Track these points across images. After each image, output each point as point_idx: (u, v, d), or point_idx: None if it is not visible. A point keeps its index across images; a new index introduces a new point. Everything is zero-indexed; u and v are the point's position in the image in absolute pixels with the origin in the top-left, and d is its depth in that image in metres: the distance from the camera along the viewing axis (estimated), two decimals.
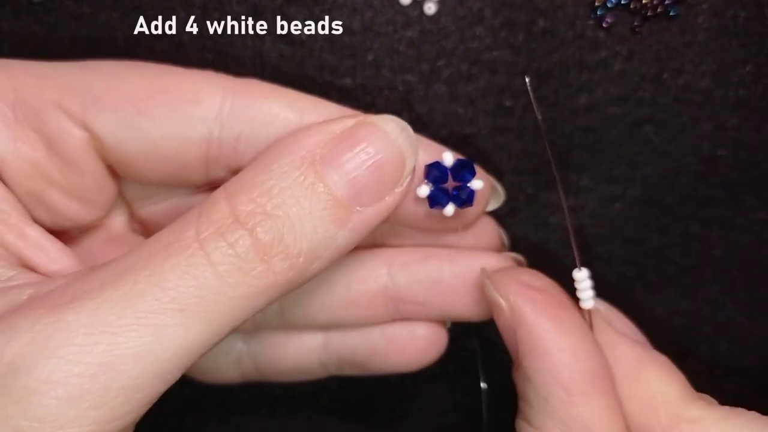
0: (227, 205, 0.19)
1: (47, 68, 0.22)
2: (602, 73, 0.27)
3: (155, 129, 0.21)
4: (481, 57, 0.27)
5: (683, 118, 0.27)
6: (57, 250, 0.21)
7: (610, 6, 0.26)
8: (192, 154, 0.22)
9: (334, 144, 0.20)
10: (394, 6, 0.27)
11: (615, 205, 0.29)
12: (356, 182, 0.20)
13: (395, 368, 0.26)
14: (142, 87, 0.21)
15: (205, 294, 0.18)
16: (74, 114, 0.21)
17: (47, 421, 0.16)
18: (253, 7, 0.27)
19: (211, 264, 0.18)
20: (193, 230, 0.18)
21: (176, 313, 0.17)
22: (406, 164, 0.21)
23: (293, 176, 0.19)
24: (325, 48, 0.27)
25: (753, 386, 0.30)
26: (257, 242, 0.18)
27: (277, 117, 0.21)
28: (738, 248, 0.29)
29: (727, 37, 0.27)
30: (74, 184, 0.22)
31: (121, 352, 0.17)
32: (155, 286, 0.17)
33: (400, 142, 0.20)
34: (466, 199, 0.22)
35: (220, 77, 0.22)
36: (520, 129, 0.28)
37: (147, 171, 0.22)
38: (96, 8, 0.27)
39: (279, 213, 0.19)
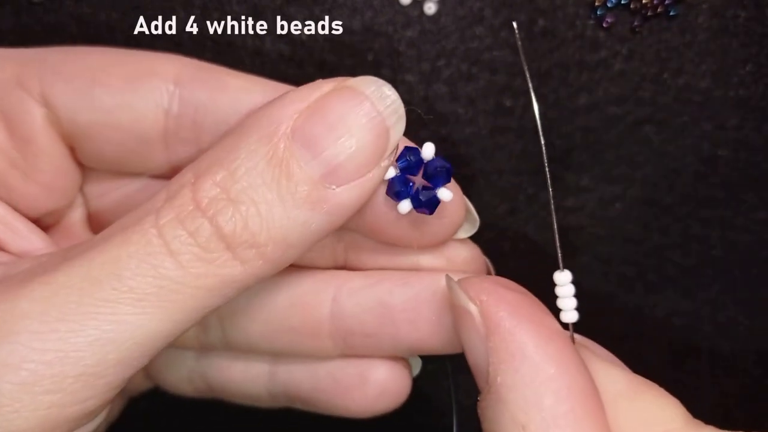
0: (191, 190, 0.17)
1: (5, 51, 0.21)
2: (602, 73, 0.27)
3: (109, 97, 0.20)
4: (481, 57, 0.27)
5: (683, 118, 0.27)
6: (27, 230, 0.21)
7: (610, 6, 0.26)
8: (149, 126, 0.21)
9: (308, 115, 0.17)
10: (394, 6, 0.27)
11: (615, 205, 0.29)
12: (332, 158, 0.17)
13: (344, 412, 0.24)
14: (98, 60, 0.21)
15: (165, 284, 0.17)
16: (32, 90, 0.20)
17: (2, 405, 0.16)
18: (253, 7, 0.27)
19: (170, 253, 0.17)
20: (154, 216, 0.17)
21: (135, 303, 0.17)
22: (390, 135, 0.18)
23: (260, 154, 0.17)
24: (325, 48, 0.27)
25: (753, 386, 0.30)
26: (218, 231, 0.17)
27: (238, 89, 0.20)
28: (738, 248, 0.29)
29: (727, 37, 0.27)
30: (34, 166, 0.21)
31: (78, 340, 0.16)
32: (113, 274, 0.17)
33: (383, 108, 0.18)
34: (425, 202, 0.19)
35: (179, 56, 0.21)
36: (520, 129, 0.28)
37: (103, 146, 0.21)
38: (96, 8, 0.27)
39: (243, 198, 0.17)
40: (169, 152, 0.21)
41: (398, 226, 0.20)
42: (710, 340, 0.30)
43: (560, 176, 0.28)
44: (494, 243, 0.29)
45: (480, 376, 0.18)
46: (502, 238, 0.29)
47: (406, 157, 0.19)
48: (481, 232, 0.29)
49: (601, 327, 0.30)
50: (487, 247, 0.29)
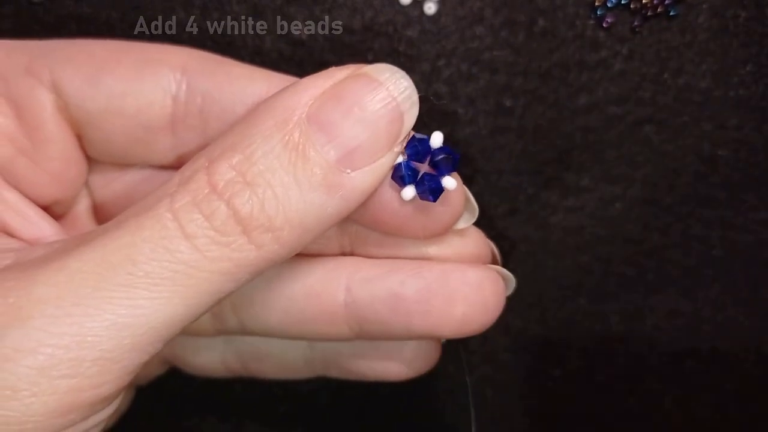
0: (206, 173, 0.17)
1: (17, 43, 0.21)
2: (602, 73, 0.27)
3: (118, 84, 0.20)
4: (481, 57, 0.27)
5: (683, 118, 0.27)
6: (37, 216, 0.21)
7: (610, 6, 0.26)
8: (156, 112, 0.21)
9: (323, 101, 0.18)
10: (394, 6, 0.27)
11: (615, 205, 0.29)
12: (348, 143, 0.18)
13: (382, 375, 0.25)
14: (107, 50, 0.21)
15: (181, 268, 0.17)
16: (42, 77, 0.20)
17: (20, 389, 0.16)
18: (253, 7, 0.27)
19: (186, 237, 0.17)
20: (168, 200, 0.17)
21: (151, 288, 0.17)
22: (405, 120, 0.18)
23: (276, 138, 0.17)
24: (325, 48, 0.27)
25: (753, 386, 0.30)
26: (235, 214, 0.17)
27: (244, 77, 0.20)
28: (738, 248, 0.29)
29: (728, 37, 0.27)
30: (42, 153, 0.21)
31: (93, 325, 0.16)
32: (128, 259, 0.17)
33: (398, 94, 0.18)
34: (430, 189, 0.19)
35: (186, 48, 0.21)
36: (520, 129, 0.28)
37: (111, 134, 0.21)
38: (96, 8, 0.27)
39: (260, 181, 0.17)
40: (176, 141, 0.21)
41: (400, 215, 0.20)
42: (710, 340, 0.30)
43: (560, 176, 0.28)
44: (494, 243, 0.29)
45: None
46: (502, 238, 0.29)
47: (414, 144, 0.19)
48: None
49: (601, 327, 0.30)
50: None
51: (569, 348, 0.30)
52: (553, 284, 0.30)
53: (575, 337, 0.30)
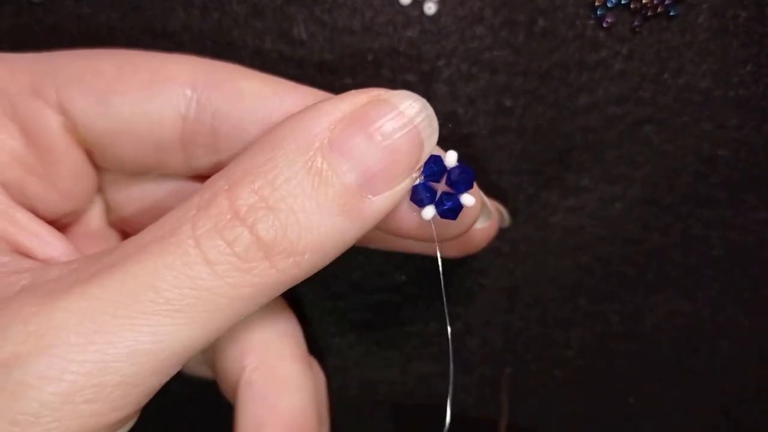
0: (227, 198, 0.17)
1: (20, 58, 0.21)
2: (602, 73, 0.27)
3: (126, 105, 0.20)
4: (481, 57, 0.27)
5: (683, 118, 0.27)
6: (49, 235, 0.21)
7: (610, 6, 0.26)
8: (166, 131, 0.21)
9: (344, 126, 0.18)
10: (394, 6, 0.27)
11: (615, 205, 0.29)
12: (369, 169, 0.18)
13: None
14: (113, 67, 0.21)
15: (202, 295, 0.17)
16: (49, 98, 0.20)
17: (43, 415, 0.16)
18: (253, 7, 0.27)
19: (207, 263, 0.17)
20: (190, 225, 0.17)
21: (172, 314, 0.17)
22: (425, 146, 0.19)
23: (299, 163, 0.17)
24: (325, 48, 0.27)
25: (753, 386, 0.30)
26: (258, 240, 0.17)
27: (253, 92, 0.20)
28: (738, 248, 0.29)
29: (728, 37, 0.27)
30: (52, 173, 0.21)
31: (115, 351, 0.16)
32: (149, 286, 0.17)
33: (419, 121, 0.18)
34: (449, 209, 0.20)
35: (193, 57, 0.21)
36: (520, 129, 0.28)
37: (121, 152, 0.21)
38: (96, 8, 0.27)
39: (282, 206, 0.17)
40: (188, 156, 0.22)
41: (419, 228, 0.21)
42: (710, 340, 0.30)
43: (560, 176, 0.28)
44: (493, 243, 0.29)
45: None
46: (501, 238, 0.29)
47: (430, 165, 0.20)
48: None
49: (601, 327, 0.30)
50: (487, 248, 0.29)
51: (569, 348, 0.30)
52: (553, 284, 0.30)
53: (575, 337, 0.30)
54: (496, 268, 0.29)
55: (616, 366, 0.30)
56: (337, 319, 0.30)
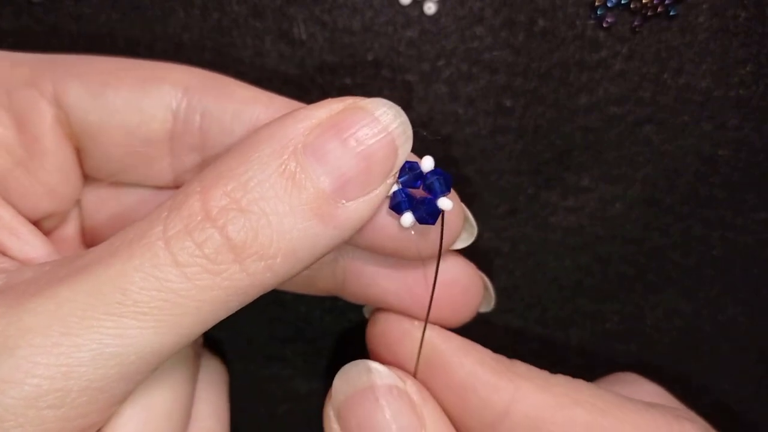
0: (199, 199, 0.17)
1: (21, 56, 0.22)
2: (602, 73, 0.27)
3: (120, 98, 0.21)
4: (481, 57, 0.27)
5: (683, 118, 0.27)
6: (30, 234, 0.21)
7: (610, 6, 0.26)
8: (157, 128, 0.21)
9: (320, 131, 0.18)
10: (394, 6, 0.27)
11: (615, 205, 0.29)
12: (342, 174, 0.18)
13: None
14: (110, 65, 0.21)
15: (171, 297, 0.17)
16: (45, 89, 0.21)
17: (6, 420, 0.16)
18: (253, 7, 0.27)
19: (176, 265, 0.17)
20: (161, 227, 0.17)
21: (139, 317, 0.17)
22: (399, 153, 0.19)
23: (273, 167, 0.17)
24: (325, 48, 0.27)
25: (753, 386, 0.30)
26: (228, 241, 0.17)
27: (245, 98, 0.21)
28: (738, 248, 0.29)
29: (728, 37, 0.27)
30: (39, 165, 0.21)
31: (81, 355, 0.16)
32: (118, 288, 0.17)
33: (393, 128, 0.18)
34: (427, 213, 0.20)
35: (189, 67, 0.22)
36: (520, 129, 0.28)
37: (110, 148, 0.21)
38: (96, 8, 0.27)
39: (254, 209, 0.17)
40: (174, 160, 0.22)
41: (400, 239, 0.21)
42: (710, 340, 0.30)
43: (560, 176, 0.28)
44: (493, 243, 0.29)
45: None
46: (501, 238, 0.29)
47: (406, 171, 0.20)
48: (481, 233, 0.29)
49: (601, 327, 0.30)
50: (487, 248, 0.29)
51: (569, 348, 0.30)
52: (553, 284, 0.30)
53: (575, 337, 0.30)
54: (496, 268, 0.29)
55: (616, 366, 0.30)
56: (337, 318, 0.30)
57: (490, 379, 0.21)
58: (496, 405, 0.21)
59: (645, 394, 0.24)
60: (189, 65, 0.22)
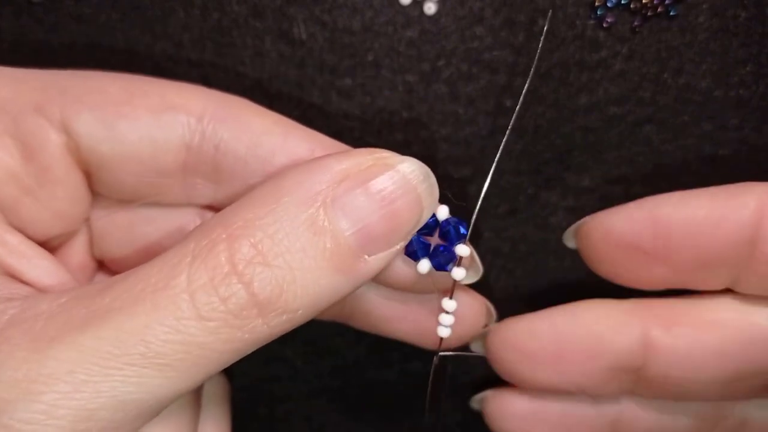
0: (225, 249, 0.17)
1: (26, 74, 0.21)
2: (602, 73, 0.27)
3: (133, 131, 0.20)
4: (481, 57, 0.27)
5: (683, 118, 0.27)
6: (39, 257, 0.21)
7: (610, 6, 0.26)
8: (170, 159, 0.21)
9: (348, 185, 0.18)
10: (394, 6, 0.27)
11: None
12: (369, 231, 0.18)
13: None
14: (121, 90, 0.21)
15: (193, 350, 0.17)
16: (52, 117, 0.20)
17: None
18: (253, 7, 0.27)
19: (200, 319, 0.17)
20: (185, 277, 0.17)
21: (162, 368, 0.17)
22: (424, 213, 0.19)
23: (300, 219, 0.18)
24: (325, 48, 0.27)
25: None
26: (253, 297, 0.17)
27: (261, 129, 0.21)
28: None
29: (728, 37, 0.27)
30: (48, 194, 0.21)
31: (102, 401, 0.17)
32: (140, 340, 0.17)
33: (421, 189, 0.19)
34: (444, 261, 0.21)
35: (205, 89, 0.21)
36: (520, 129, 0.28)
37: (122, 177, 0.21)
38: (96, 8, 0.27)
39: (281, 263, 0.17)
40: (187, 186, 0.22)
41: (412, 281, 0.21)
42: None
43: (560, 176, 0.28)
44: (493, 243, 0.29)
45: None
46: (501, 238, 0.29)
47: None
48: (481, 233, 0.29)
49: None
50: (487, 248, 0.29)
51: None
52: (553, 284, 0.30)
53: None
54: (497, 268, 0.29)
55: None
56: None
57: None
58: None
59: None
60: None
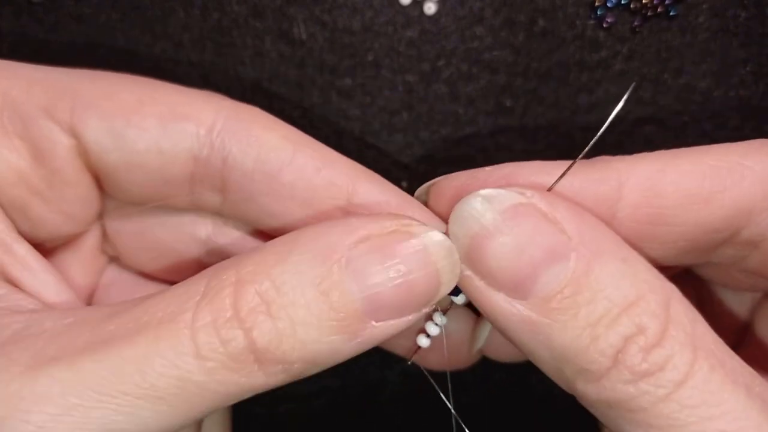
0: (231, 294, 0.17)
1: (37, 72, 0.21)
2: (602, 73, 0.27)
3: (142, 141, 0.20)
4: (481, 57, 0.27)
5: (683, 118, 0.27)
6: (44, 271, 0.21)
7: (610, 6, 0.26)
8: (177, 170, 0.21)
9: (365, 250, 0.17)
10: (394, 6, 0.27)
11: None
12: (378, 298, 0.17)
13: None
14: (133, 97, 0.20)
15: (188, 387, 0.17)
16: (62, 120, 0.20)
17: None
18: (253, 7, 0.27)
19: (198, 357, 0.17)
20: (190, 315, 0.17)
21: (154, 401, 0.17)
22: (441, 289, 0.18)
23: (309, 276, 0.17)
24: (325, 48, 0.27)
25: None
26: (252, 345, 0.17)
27: (269, 145, 0.20)
28: None
29: (728, 37, 0.27)
30: (58, 195, 0.21)
31: (91, 427, 0.16)
32: (138, 370, 0.17)
33: (442, 265, 0.18)
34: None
35: (216, 97, 0.21)
36: (521, 129, 0.28)
37: (128, 183, 0.21)
38: (96, 8, 0.27)
39: (283, 315, 0.17)
40: (193, 194, 0.21)
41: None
42: None
43: None
44: None
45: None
46: None
47: None
48: None
49: None
50: None
51: None
52: None
53: None
54: None
55: None
56: None
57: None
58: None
59: None
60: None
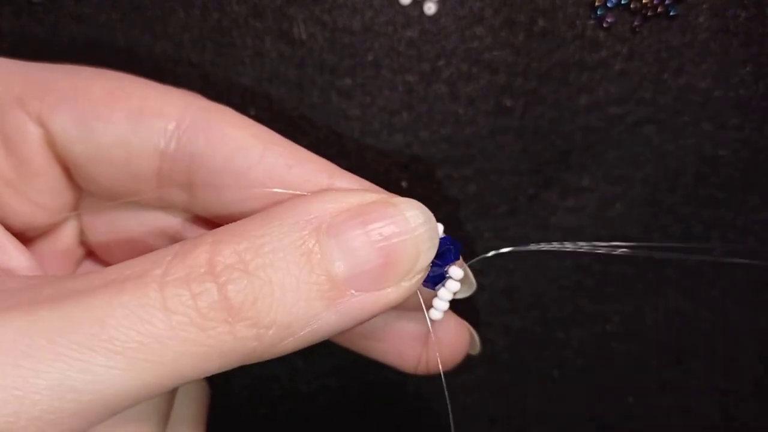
0: (207, 251, 0.17)
1: (14, 65, 0.21)
2: (602, 73, 0.27)
3: (108, 134, 0.20)
4: (481, 57, 0.27)
5: (683, 118, 0.27)
6: (14, 249, 0.21)
7: (610, 6, 0.26)
8: (143, 165, 0.20)
9: (347, 216, 0.18)
10: (394, 6, 0.27)
11: (615, 206, 0.29)
12: (359, 264, 0.18)
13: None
14: (103, 90, 0.20)
15: (149, 342, 0.16)
16: (32, 110, 0.20)
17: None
18: (253, 7, 0.27)
19: (164, 309, 0.16)
20: (161, 270, 0.16)
21: (111, 355, 0.16)
22: (420, 259, 0.18)
23: (291, 238, 0.17)
24: (325, 48, 0.27)
25: (753, 386, 0.30)
26: (224, 300, 0.16)
27: (238, 143, 0.20)
28: (738, 248, 0.29)
29: (728, 37, 0.27)
30: (28, 185, 0.21)
31: (38, 381, 0.15)
32: (97, 319, 0.16)
33: (420, 232, 0.18)
34: (434, 278, 0.20)
35: (189, 94, 0.21)
36: (520, 129, 0.28)
37: (96, 176, 0.21)
38: (96, 8, 0.27)
39: (261, 274, 0.17)
40: (161, 191, 0.21)
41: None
42: (710, 340, 0.30)
43: (560, 176, 0.28)
44: (493, 244, 0.29)
45: None
46: (501, 238, 0.29)
47: None
48: (481, 233, 0.29)
49: (601, 327, 0.30)
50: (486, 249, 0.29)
51: (569, 348, 0.30)
52: (553, 284, 0.30)
53: (575, 337, 0.30)
54: (496, 268, 0.29)
55: (616, 366, 0.30)
56: None
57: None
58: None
59: None
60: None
